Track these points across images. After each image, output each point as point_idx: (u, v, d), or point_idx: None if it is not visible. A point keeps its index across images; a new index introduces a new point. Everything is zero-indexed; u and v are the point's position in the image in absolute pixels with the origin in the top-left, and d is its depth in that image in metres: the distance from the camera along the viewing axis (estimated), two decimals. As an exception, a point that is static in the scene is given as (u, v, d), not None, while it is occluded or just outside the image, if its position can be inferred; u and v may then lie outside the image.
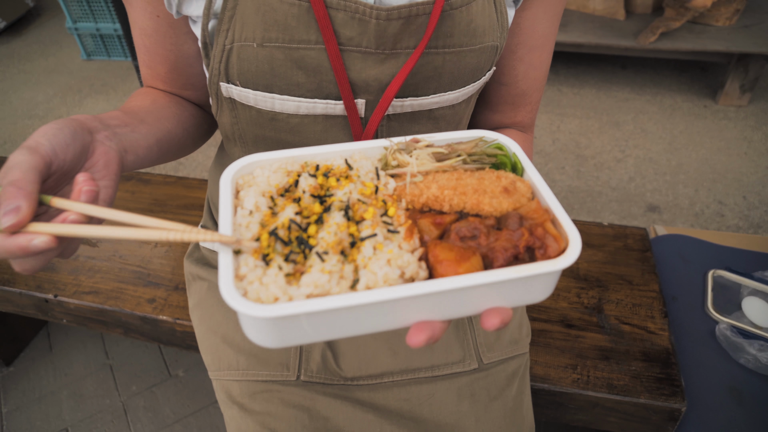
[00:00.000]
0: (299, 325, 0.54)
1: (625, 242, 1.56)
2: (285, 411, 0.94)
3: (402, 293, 0.53)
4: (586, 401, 1.21)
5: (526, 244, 0.58)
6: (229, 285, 0.53)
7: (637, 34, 3.47)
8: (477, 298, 0.57)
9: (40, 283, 1.50)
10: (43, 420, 1.99)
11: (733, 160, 3.13)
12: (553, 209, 0.61)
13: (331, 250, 0.57)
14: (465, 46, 0.80)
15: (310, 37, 0.74)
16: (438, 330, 0.57)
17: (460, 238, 0.60)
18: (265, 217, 0.61)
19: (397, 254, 0.56)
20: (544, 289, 0.61)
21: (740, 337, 1.29)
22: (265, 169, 0.67)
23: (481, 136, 0.72)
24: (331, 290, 0.54)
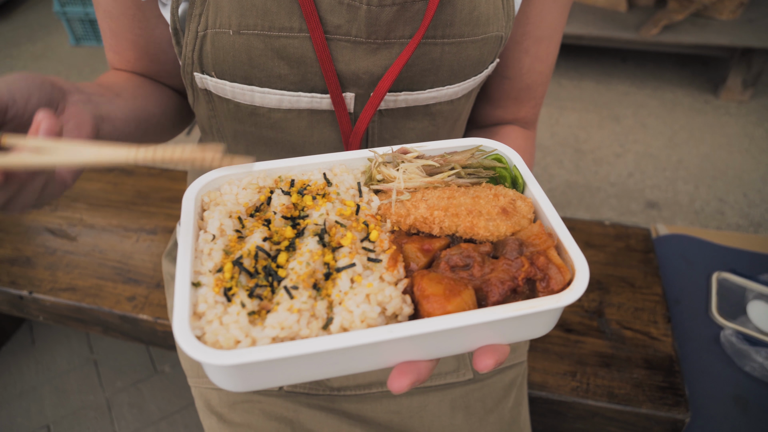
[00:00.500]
0: (265, 371, 0.47)
1: (627, 243, 1.50)
2: (266, 423, 0.88)
3: (379, 337, 0.46)
4: (585, 410, 1.16)
5: (525, 275, 0.51)
6: (183, 326, 0.46)
7: (639, 26, 3.40)
8: (468, 337, 0.51)
9: (15, 278, 1.43)
10: (24, 416, 1.93)
11: (734, 156, 3.08)
12: (558, 233, 0.54)
13: (301, 283, 0.50)
14: (466, 36, 0.72)
15: (292, 24, 0.67)
16: (424, 372, 0.50)
17: (450, 267, 0.52)
18: (230, 243, 0.54)
19: (378, 288, 0.50)
20: (546, 324, 0.54)
21: (746, 343, 1.24)
22: (234, 185, 0.60)
23: (478, 146, 0.64)
24: (300, 332, 0.47)
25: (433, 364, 0.52)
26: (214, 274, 0.51)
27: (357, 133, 0.76)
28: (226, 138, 0.85)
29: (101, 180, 1.77)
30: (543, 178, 2.98)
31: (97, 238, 1.55)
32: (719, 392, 1.20)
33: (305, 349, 0.45)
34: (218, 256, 0.52)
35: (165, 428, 1.89)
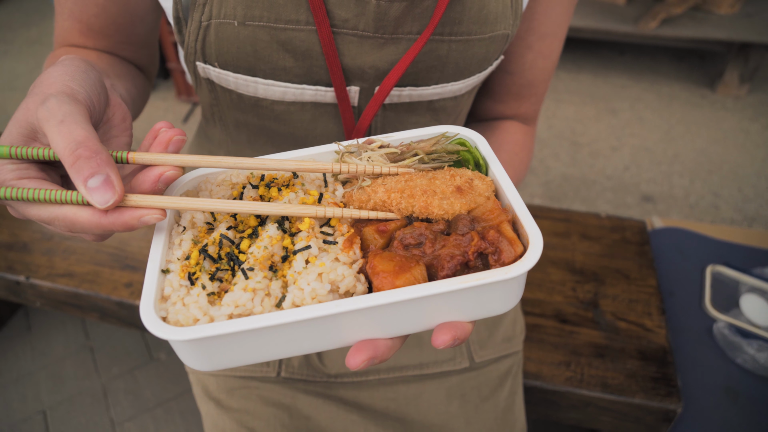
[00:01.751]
0: (225, 348, 0.50)
1: (623, 235, 1.51)
2: (264, 409, 0.89)
3: (325, 311, 0.47)
4: (579, 400, 1.17)
5: (476, 249, 0.51)
6: (148, 307, 0.49)
7: (637, 19, 3.40)
8: (423, 313, 0.51)
9: (12, 264, 1.43)
10: (21, 401, 1.93)
11: (730, 151, 3.09)
12: (515, 208, 0.55)
13: (258, 265, 0.52)
14: (474, 34, 0.72)
15: (299, 17, 0.66)
16: (382, 349, 0.51)
17: (404, 246, 0.53)
18: (200, 233, 0.57)
19: (330, 267, 0.51)
20: (505, 298, 0.54)
21: (738, 336, 1.26)
22: (210, 183, 0.62)
23: (443, 132, 0.65)
24: (254, 309, 0.49)
25: (393, 342, 0.52)
26: (181, 262, 0.54)
27: (360, 128, 0.76)
28: (227, 127, 0.84)
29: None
30: (539, 170, 2.98)
31: (94, 225, 1.54)
32: (711, 383, 1.21)
33: (254, 324, 0.47)
34: (187, 246, 0.55)
35: (160, 415, 1.90)
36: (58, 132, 0.46)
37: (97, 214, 0.48)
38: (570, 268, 1.42)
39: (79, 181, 0.45)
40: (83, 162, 0.45)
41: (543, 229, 1.54)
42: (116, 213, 0.48)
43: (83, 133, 0.46)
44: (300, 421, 0.89)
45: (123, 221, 0.48)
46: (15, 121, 0.49)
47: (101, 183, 0.45)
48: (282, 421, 0.88)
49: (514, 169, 0.86)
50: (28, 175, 0.49)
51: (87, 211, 0.48)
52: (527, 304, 1.33)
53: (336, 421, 0.89)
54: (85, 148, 0.45)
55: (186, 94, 3.53)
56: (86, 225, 0.48)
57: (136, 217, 0.48)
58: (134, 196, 0.49)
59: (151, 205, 0.49)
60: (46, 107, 0.47)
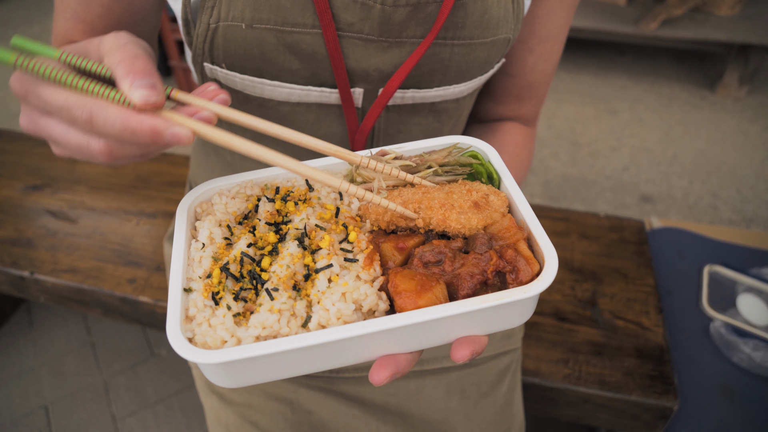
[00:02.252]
0: (252, 368, 0.51)
1: (622, 234, 1.53)
2: (266, 403, 0.90)
3: (352, 333, 0.49)
4: (577, 397, 1.18)
5: (494, 268, 0.53)
6: (175, 330, 0.50)
7: (637, 20, 3.41)
8: (444, 329, 0.53)
9: (16, 259, 1.44)
10: (23, 396, 1.95)
11: (729, 152, 3.10)
12: (530, 226, 0.56)
13: (282, 285, 0.53)
14: (476, 38, 0.73)
15: (305, 21, 0.67)
16: (403, 364, 0.53)
17: (423, 264, 0.55)
18: (219, 250, 0.57)
19: (353, 286, 0.52)
20: (521, 314, 0.56)
21: (735, 335, 1.27)
22: (224, 196, 0.63)
23: (455, 143, 0.66)
24: (280, 330, 0.50)
25: (412, 356, 0.54)
26: (203, 280, 0.54)
27: (363, 129, 0.78)
28: (233, 128, 0.85)
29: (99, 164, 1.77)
30: (539, 170, 3.00)
31: (98, 221, 1.56)
32: (707, 382, 1.23)
33: (283, 347, 0.48)
34: (207, 263, 0.56)
35: (161, 411, 1.91)
36: (120, 48, 0.46)
37: (127, 112, 0.45)
38: (569, 266, 1.44)
39: (127, 80, 0.45)
40: (138, 69, 0.45)
41: (542, 229, 1.55)
42: (147, 115, 0.46)
43: (139, 51, 0.47)
44: (302, 415, 0.90)
45: (152, 124, 0.46)
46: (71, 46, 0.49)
47: (147, 85, 0.45)
48: (284, 415, 0.90)
49: (515, 170, 0.87)
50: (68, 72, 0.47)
51: (116, 107, 0.45)
52: (526, 302, 1.34)
53: (337, 415, 0.90)
54: (143, 61, 0.46)
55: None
56: (110, 119, 0.45)
57: (166, 125, 0.46)
58: (170, 113, 0.49)
59: (183, 123, 0.48)
60: (107, 37, 0.48)
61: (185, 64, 3.40)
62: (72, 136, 0.48)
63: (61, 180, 1.71)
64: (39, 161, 1.78)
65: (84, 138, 0.47)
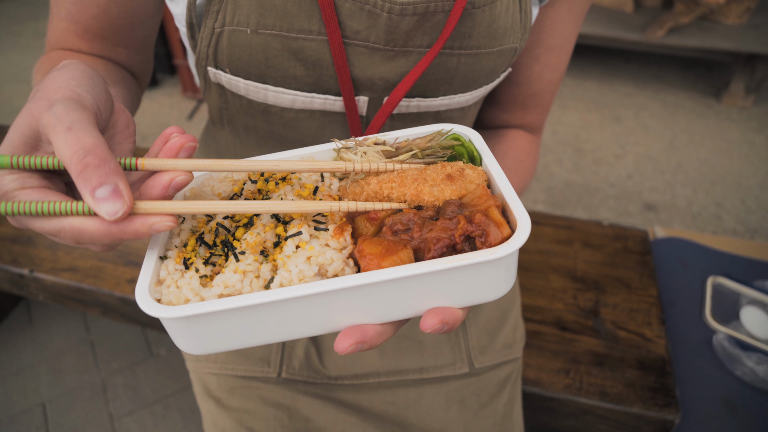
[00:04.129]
0: (214, 328, 0.50)
1: (625, 244, 1.52)
2: (264, 409, 0.89)
3: (309, 290, 0.48)
4: (577, 408, 1.17)
5: (462, 232, 0.51)
6: (143, 289, 0.50)
7: (644, 27, 3.40)
8: (410, 296, 0.51)
9: (16, 257, 1.44)
10: (20, 394, 1.94)
11: (734, 162, 3.09)
12: (505, 194, 0.54)
13: (249, 249, 0.54)
14: (483, 48, 0.72)
15: (311, 27, 0.66)
16: (370, 334, 0.51)
17: (392, 231, 0.54)
18: (199, 224, 0.59)
19: (319, 251, 0.52)
20: (494, 283, 0.53)
21: (738, 348, 1.26)
22: (212, 180, 0.64)
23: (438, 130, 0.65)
24: (242, 290, 0.50)
25: (382, 328, 0.52)
26: (179, 249, 0.56)
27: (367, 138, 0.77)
28: (237, 130, 0.85)
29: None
30: (542, 176, 2.99)
31: (99, 220, 1.55)
32: (709, 395, 1.21)
33: (239, 303, 0.48)
34: (185, 235, 0.57)
35: (159, 411, 1.91)
36: (65, 139, 0.44)
37: (106, 224, 0.46)
38: (571, 275, 1.43)
39: (87, 192, 0.44)
40: (91, 171, 0.44)
41: (545, 236, 1.54)
42: (125, 222, 0.47)
43: (92, 141, 0.45)
44: (299, 422, 0.89)
45: (133, 229, 0.47)
46: (17, 127, 0.48)
47: (109, 193, 0.44)
48: (281, 422, 0.89)
49: (519, 176, 0.87)
50: (30, 184, 0.47)
51: (95, 221, 0.46)
52: (527, 310, 1.33)
53: (335, 423, 0.89)
54: (93, 156, 0.44)
55: (192, 91, 3.54)
56: (95, 235, 0.47)
57: (147, 224, 0.47)
58: (144, 203, 0.48)
59: (161, 211, 0.48)
60: (52, 113, 0.45)
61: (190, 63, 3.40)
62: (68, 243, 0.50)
63: (63, 178, 1.70)
64: (41, 158, 1.78)
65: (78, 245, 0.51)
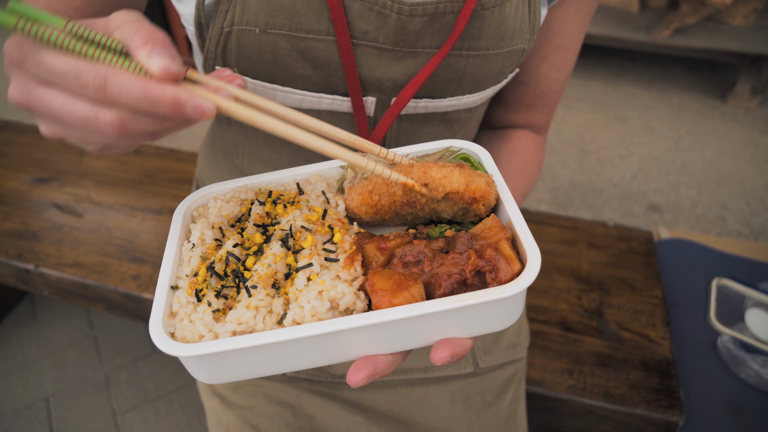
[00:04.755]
0: (229, 362, 0.51)
1: (630, 245, 1.51)
2: (268, 407, 0.90)
3: (323, 329, 0.48)
4: (580, 408, 1.17)
5: (473, 268, 0.52)
6: (157, 324, 0.51)
7: (650, 28, 3.39)
8: (422, 330, 0.52)
9: (21, 252, 1.44)
10: (24, 388, 1.95)
11: (739, 163, 3.08)
12: (515, 225, 0.54)
13: (261, 283, 0.53)
14: (492, 49, 0.72)
15: (320, 27, 0.66)
16: (382, 365, 0.52)
17: (403, 264, 0.54)
18: (208, 250, 0.59)
19: (330, 285, 0.52)
20: (504, 315, 0.54)
21: (743, 350, 1.26)
22: (219, 200, 0.64)
23: (448, 147, 0.65)
24: (256, 326, 0.51)
25: (393, 358, 0.53)
26: (189, 278, 0.55)
27: (375, 138, 0.77)
28: (245, 128, 0.85)
29: (109, 158, 1.77)
30: (547, 176, 2.98)
31: (104, 216, 1.55)
32: (714, 397, 1.21)
33: (254, 342, 0.48)
34: (196, 263, 0.57)
35: (162, 407, 1.91)
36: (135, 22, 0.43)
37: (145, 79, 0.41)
38: (576, 276, 1.42)
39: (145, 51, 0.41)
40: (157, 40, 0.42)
41: (550, 236, 1.54)
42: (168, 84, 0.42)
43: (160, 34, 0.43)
44: (304, 420, 0.89)
45: (173, 93, 0.41)
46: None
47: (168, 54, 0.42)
48: (286, 420, 0.89)
49: (525, 178, 0.86)
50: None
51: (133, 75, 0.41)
52: (532, 310, 1.33)
53: (339, 421, 0.89)
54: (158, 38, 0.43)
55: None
56: (128, 85, 0.40)
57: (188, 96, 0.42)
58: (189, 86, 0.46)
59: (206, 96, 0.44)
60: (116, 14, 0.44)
61: (194, 60, 3.40)
62: (77, 108, 0.42)
63: (68, 173, 1.71)
64: (47, 154, 1.78)
65: (92, 109, 0.42)
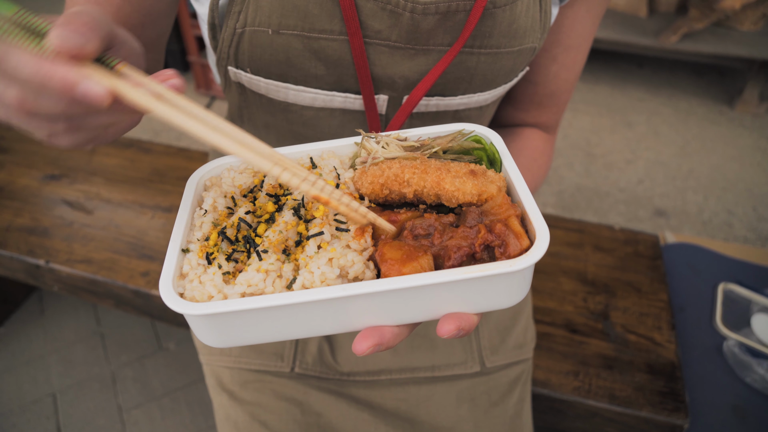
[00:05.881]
0: (236, 324, 0.52)
1: (636, 248, 1.51)
2: (277, 403, 0.90)
3: (331, 294, 0.49)
4: (585, 410, 1.17)
5: (482, 242, 0.52)
6: (167, 283, 0.52)
7: (658, 32, 3.39)
8: (429, 302, 0.52)
9: (32, 248, 1.46)
10: (31, 383, 1.96)
11: (746, 169, 3.07)
12: (525, 203, 0.55)
13: (272, 248, 0.54)
14: (503, 47, 0.73)
15: (333, 27, 0.67)
16: (387, 336, 0.52)
17: (413, 236, 0.55)
18: (220, 217, 0.60)
19: (341, 253, 0.53)
20: (510, 292, 0.54)
21: (748, 355, 1.26)
22: (233, 170, 0.65)
23: (460, 130, 0.66)
24: (265, 289, 0.52)
25: (399, 330, 0.53)
26: (201, 242, 0.56)
27: None
28: (257, 127, 0.86)
29: (119, 156, 1.78)
30: (553, 179, 2.98)
31: (113, 213, 1.57)
32: (719, 401, 1.21)
33: (263, 303, 0.49)
34: (207, 228, 0.58)
35: (168, 404, 1.92)
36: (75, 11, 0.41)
37: (42, 59, 0.39)
38: (582, 278, 1.43)
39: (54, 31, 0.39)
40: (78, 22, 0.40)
41: (556, 239, 1.54)
42: (63, 64, 0.39)
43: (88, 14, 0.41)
44: (311, 417, 0.90)
45: (64, 73, 0.39)
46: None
47: (74, 30, 0.39)
48: (294, 416, 0.90)
49: (533, 174, 0.87)
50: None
51: (32, 54, 0.39)
52: (538, 312, 1.33)
53: (347, 418, 0.90)
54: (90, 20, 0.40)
55: (205, 88, 3.56)
56: (22, 62, 0.39)
57: (79, 77, 0.39)
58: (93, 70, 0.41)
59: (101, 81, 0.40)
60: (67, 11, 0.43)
61: (204, 60, 3.42)
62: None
63: (78, 170, 1.72)
64: (57, 151, 1.80)
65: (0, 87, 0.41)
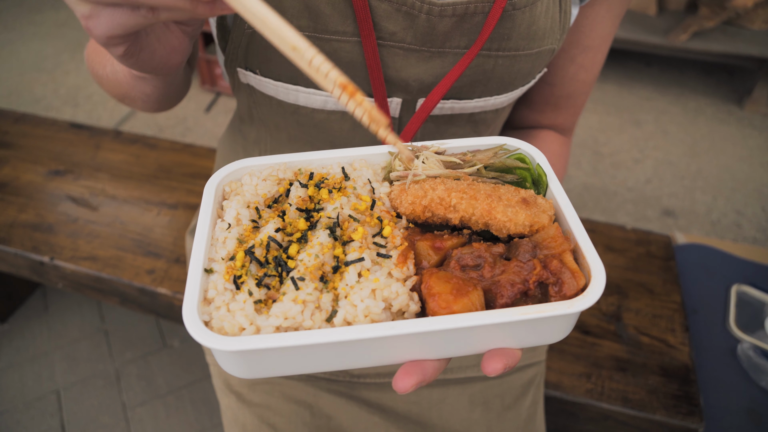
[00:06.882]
0: (269, 359, 0.48)
1: (648, 249, 1.49)
2: (286, 405, 0.89)
3: (380, 333, 0.45)
4: (598, 413, 1.15)
5: (537, 279, 0.49)
6: (192, 311, 0.47)
7: (667, 31, 3.36)
8: (476, 338, 0.50)
9: (37, 244, 1.44)
10: (35, 380, 1.95)
11: (755, 169, 3.04)
12: (577, 236, 0.52)
13: (308, 275, 0.50)
14: (522, 50, 0.71)
15: (346, 29, 0.65)
16: (430, 372, 0.50)
17: (461, 267, 0.51)
18: (245, 232, 0.54)
19: (384, 283, 0.49)
20: (559, 330, 0.52)
21: (763, 358, 1.24)
22: (255, 176, 0.60)
23: (502, 144, 0.62)
24: (303, 323, 0.47)
25: (440, 364, 0.51)
26: (226, 262, 0.52)
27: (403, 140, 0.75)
28: (268, 127, 0.84)
29: (124, 152, 1.77)
30: (560, 178, 2.96)
31: (119, 210, 1.55)
32: (733, 405, 1.19)
33: (305, 340, 0.45)
34: (232, 245, 0.53)
35: (172, 402, 1.91)
36: None
37: None
38: (593, 279, 1.40)
39: None
40: None
41: (567, 239, 1.52)
42: None
43: None
44: (321, 419, 0.88)
45: None
46: None
47: None
48: (303, 419, 0.88)
49: None
50: None
51: None
52: (549, 313, 1.31)
53: (357, 421, 0.88)
54: None
55: (210, 84, 3.54)
56: None
57: None
58: None
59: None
60: None
61: (209, 56, 3.41)
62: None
63: (83, 166, 1.71)
64: (62, 146, 1.79)
65: None
